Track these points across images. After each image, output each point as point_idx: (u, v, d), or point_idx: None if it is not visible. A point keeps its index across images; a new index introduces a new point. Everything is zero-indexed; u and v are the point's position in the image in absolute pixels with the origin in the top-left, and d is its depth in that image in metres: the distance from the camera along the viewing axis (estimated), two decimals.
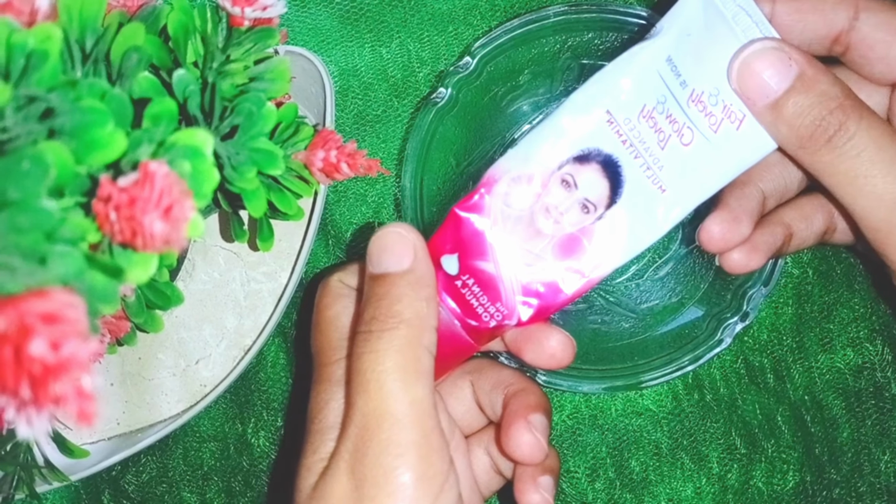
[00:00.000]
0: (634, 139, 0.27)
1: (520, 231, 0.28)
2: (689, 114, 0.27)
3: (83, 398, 0.16)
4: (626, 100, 0.27)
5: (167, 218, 0.18)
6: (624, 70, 0.27)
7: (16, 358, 0.16)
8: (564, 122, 0.28)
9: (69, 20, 0.21)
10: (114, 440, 0.38)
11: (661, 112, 0.27)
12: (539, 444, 0.28)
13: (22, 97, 0.18)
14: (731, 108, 0.27)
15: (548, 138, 0.28)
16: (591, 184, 0.28)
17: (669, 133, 0.27)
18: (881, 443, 0.38)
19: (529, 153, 0.28)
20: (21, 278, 0.17)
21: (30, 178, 0.18)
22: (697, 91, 0.27)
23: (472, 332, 0.29)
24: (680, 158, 0.27)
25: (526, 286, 0.28)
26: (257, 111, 0.24)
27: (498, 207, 0.28)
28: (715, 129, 0.27)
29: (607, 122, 0.27)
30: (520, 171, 0.28)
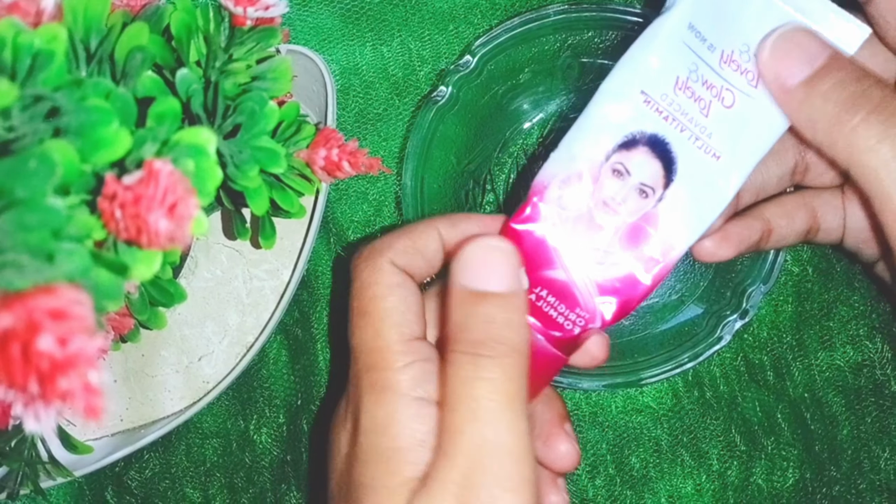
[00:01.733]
0: (676, 113, 0.27)
1: (582, 231, 0.27)
2: (725, 75, 0.26)
3: (90, 393, 0.16)
4: (658, 77, 0.27)
5: (171, 216, 0.18)
6: (649, 47, 0.27)
7: (24, 354, 0.16)
8: (602, 113, 0.27)
9: (74, 20, 0.21)
10: (117, 436, 0.38)
11: (696, 80, 0.27)
12: (577, 453, 0.28)
13: (28, 97, 0.19)
14: None
15: (589, 133, 0.27)
16: (643, 167, 0.27)
17: (709, 99, 0.27)
18: (881, 440, 0.38)
19: (573, 152, 0.27)
20: (29, 275, 0.17)
21: (36, 177, 0.18)
22: (727, 51, 0.26)
23: (558, 344, 0.28)
24: (726, 122, 0.26)
25: (602, 285, 0.28)
26: (260, 110, 0.24)
27: (554, 212, 0.27)
28: (755, 84, 0.26)
29: (644, 102, 0.27)
30: (567, 171, 0.27)
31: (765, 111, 0.26)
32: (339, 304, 0.40)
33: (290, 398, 0.39)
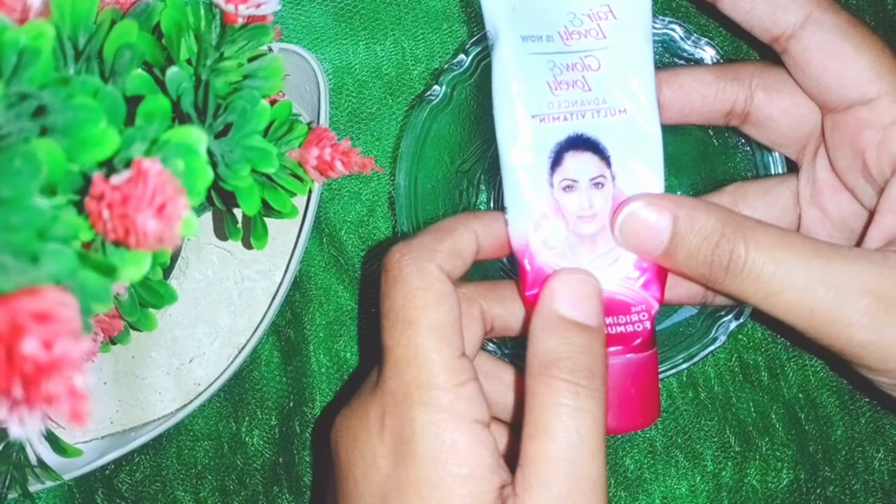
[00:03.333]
0: (568, 108, 0.28)
1: (581, 251, 0.28)
2: (576, 48, 0.27)
3: (75, 397, 0.15)
4: (531, 95, 0.28)
5: (160, 216, 0.18)
6: (507, 80, 0.28)
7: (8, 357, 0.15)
8: (516, 157, 0.28)
9: (61, 17, 0.21)
10: (107, 439, 0.38)
11: (561, 72, 0.28)
12: None
13: (14, 95, 0.18)
14: (595, 11, 0.27)
15: (520, 180, 0.28)
16: (582, 167, 0.28)
17: (581, 75, 0.28)
18: (875, 440, 0.38)
19: (523, 203, 0.28)
20: (13, 277, 0.17)
21: (22, 176, 0.17)
22: (562, 30, 0.27)
23: (642, 348, 0.29)
24: (607, 79, 0.28)
25: (630, 276, 0.28)
26: (251, 109, 0.24)
27: (548, 257, 0.28)
28: (603, 36, 0.27)
29: (539, 121, 0.28)
30: (531, 220, 0.28)
31: (625, 44, 0.27)
32: (335, 305, 0.39)
33: (283, 400, 0.39)
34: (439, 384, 0.24)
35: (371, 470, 0.25)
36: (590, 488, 0.24)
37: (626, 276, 0.28)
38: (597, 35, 0.27)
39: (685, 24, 0.35)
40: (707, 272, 0.26)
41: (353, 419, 0.26)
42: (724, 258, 0.26)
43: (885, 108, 0.27)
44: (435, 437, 0.24)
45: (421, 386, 0.24)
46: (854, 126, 0.28)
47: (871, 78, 0.27)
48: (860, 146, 0.28)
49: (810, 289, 0.25)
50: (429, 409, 0.24)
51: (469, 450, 0.24)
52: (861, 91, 0.27)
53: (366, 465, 0.25)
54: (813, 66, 0.28)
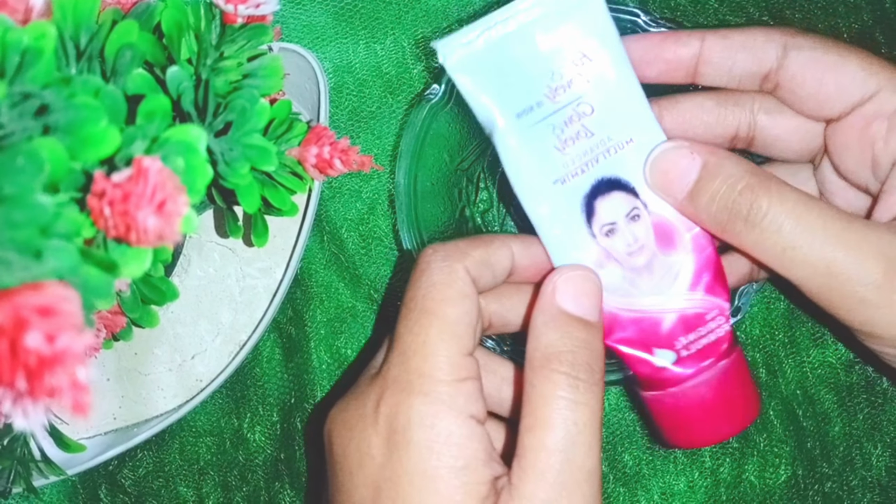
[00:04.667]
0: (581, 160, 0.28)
1: (641, 283, 0.29)
2: (566, 101, 0.28)
3: (78, 390, 0.16)
4: (544, 165, 0.28)
5: (161, 213, 0.18)
6: (518, 159, 0.28)
7: (11, 350, 0.16)
8: (551, 228, 0.29)
9: (63, 18, 0.21)
10: (110, 435, 0.38)
11: (562, 132, 0.28)
12: None
13: (17, 94, 0.18)
14: (571, 61, 0.27)
15: (563, 245, 0.29)
16: (614, 207, 0.29)
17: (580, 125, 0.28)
18: (872, 437, 0.38)
19: (571, 262, 0.29)
20: (16, 272, 0.17)
21: (25, 174, 0.18)
22: (548, 92, 0.28)
23: (729, 350, 0.29)
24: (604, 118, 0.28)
25: (693, 288, 0.29)
26: (251, 108, 0.24)
27: (615, 302, 0.29)
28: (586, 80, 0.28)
29: (561, 183, 0.28)
30: (587, 276, 0.28)
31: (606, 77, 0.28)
32: (335, 302, 0.40)
33: (284, 396, 0.39)
34: (441, 377, 0.24)
35: (366, 459, 0.25)
36: (585, 479, 0.24)
37: (689, 288, 0.29)
38: (580, 82, 0.28)
39: (683, 23, 0.35)
40: (725, 219, 0.26)
41: (349, 410, 0.26)
42: (745, 207, 0.26)
43: (886, 98, 0.28)
44: (430, 428, 0.24)
45: (423, 376, 0.24)
46: (860, 123, 0.28)
47: (865, 77, 0.28)
48: (868, 140, 0.28)
49: (828, 247, 0.25)
50: (427, 400, 0.24)
51: (463, 443, 0.24)
52: (859, 91, 0.28)
53: (360, 454, 0.25)
54: (807, 85, 0.28)
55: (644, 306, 0.29)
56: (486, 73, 0.27)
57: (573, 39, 0.27)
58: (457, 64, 0.27)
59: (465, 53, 0.27)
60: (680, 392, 0.29)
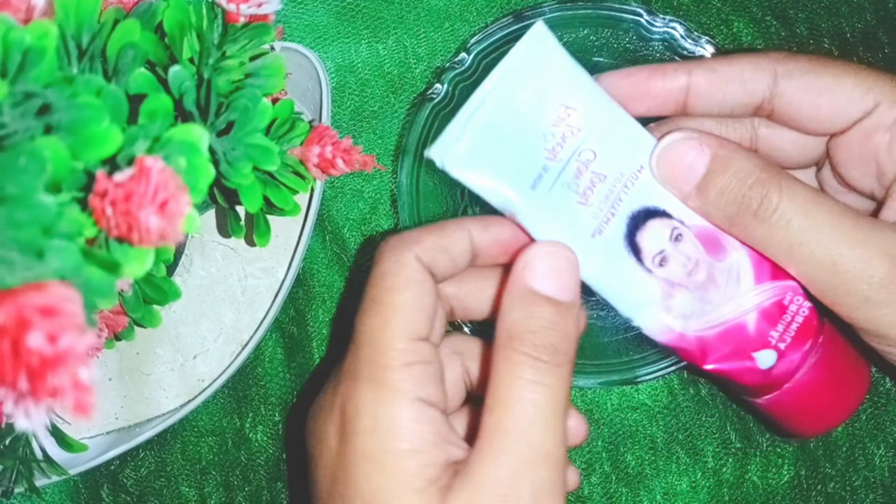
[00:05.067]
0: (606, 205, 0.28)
1: (711, 297, 0.28)
2: (567, 155, 0.27)
3: (80, 390, 0.16)
4: (576, 224, 0.28)
5: (163, 213, 0.18)
6: (549, 236, 0.28)
7: (14, 350, 0.16)
8: (608, 281, 0.28)
9: (65, 17, 0.21)
10: (112, 434, 0.38)
11: (577, 184, 0.27)
12: (586, 424, 0.29)
13: (19, 93, 0.18)
14: (558, 117, 0.27)
15: (625, 293, 0.28)
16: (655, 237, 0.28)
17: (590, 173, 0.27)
18: (875, 437, 0.38)
19: (644, 306, 0.28)
20: (19, 272, 0.17)
21: (27, 174, 0.18)
22: (548, 154, 0.27)
23: (820, 328, 0.29)
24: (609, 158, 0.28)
25: (761, 281, 0.28)
26: (253, 107, 0.24)
27: (696, 325, 0.28)
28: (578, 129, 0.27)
29: (598, 234, 0.28)
30: (660, 314, 0.28)
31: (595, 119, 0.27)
32: (337, 302, 0.40)
33: (286, 396, 0.39)
34: (387, 363, 0.24)
35: (325, 448, 0.25)
36: (541, 461, 0.24)
37: (755, 283, 0.28)
38: (572, 132, 0.27)
39: (686, 22, 0.35)
40: (735, 213, 0.26)
41: (316, 403, 0.27)
42: (755, 201, 0.26)
43: (885, 111, 0.28)
44: (376, 413, 0.24)
45: (369, 363, 0.25)
46: (862, 136, 0.28)
47: (862, 93, 0.28)
48: (871, 151, 0.28)
49: (835, 244, 0.25)
50: (373, 386, 0.24)
51: (410, 426, 0.24)
52: (858, 108, 0.28)
53: (321, 444, 0.26)
54: (804, 109, 0.28)
55: (723, 317, 0.28)
56: (485, 160, 0.27)
57: (550, 96, 0.27)
58: (455, 164, 0.26)
59: (458, 151, 0.26)
60: (795, 384, 0.29)
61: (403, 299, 0.25)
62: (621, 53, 0.37)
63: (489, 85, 0.26)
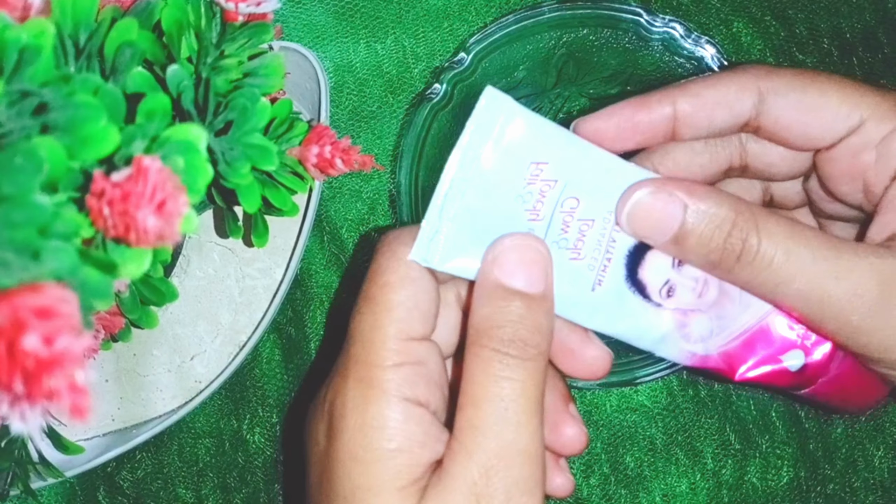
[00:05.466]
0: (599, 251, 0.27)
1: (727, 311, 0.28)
2: (549, 210, 0.26)
3: (76, 393, 0.16)
4: (575, 279, 0.27)
5: (160, 213, 0.18)
6: None
7: (9, 352, 0.16)
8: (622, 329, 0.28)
9: (62, 15, 0.21)
10: (108, 436, 0.38)
11: (565, 238, 0.26)
12: (585, 435, 0.28)
13: (15, 92, 0.18)
14: (530, 175, 0.26)
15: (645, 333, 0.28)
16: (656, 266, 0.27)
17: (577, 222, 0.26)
18: (875, 438, 0.38)
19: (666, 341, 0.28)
20: (14, 273, 0.17)
21: (23, 174, 0.17)
22: (530, 215, 0.26)
23: None
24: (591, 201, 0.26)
25: None
26: (251, 107, 0.24)
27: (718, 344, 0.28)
28: (553, 180, 0.26)
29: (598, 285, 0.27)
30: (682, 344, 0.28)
31: (568, 166, 0.26)
32: (338, 304, 0.39)
33: (284, 398, 0.39)
34: (376, 362, 0.24)
35: (315, 447, 0.25)
36: (515, 458, 0.23)
37: None
38: (549, 186, 0.26)
39: (685, 22, 0.35)
40: (717, 260, 0.26)
41: (312, 403, 0.27)
42: (737, 246, 0.25)
43: (871, 128, 0.27)
44: (363, 412, 0.24)
45: (359, 362, 0.24)
46: (849, 154, 0.28)
47: (848, 110, 0.27)
48: (859, 169, 0.28)
49: (820, 278, 0.25)
50: (361, 385, 0.24)
51: (397, 426, 0.24)
52: (844, 125, 0.28)
53: (312, 443, 0.26)
54: (792, 127, 0.28)
55: (743, 327, 0.28)
56: (469, 244, 0.25)
57: (517, 158, 0.26)
58: (441, 259, 0.25)
59: (440, 246, 0.25)
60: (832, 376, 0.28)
61: (398, 298, 0.24)
62: (621, 53, 0.37)
63: (452, 167, 0.25)
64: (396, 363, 0.24)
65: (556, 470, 0.29)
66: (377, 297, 0.25)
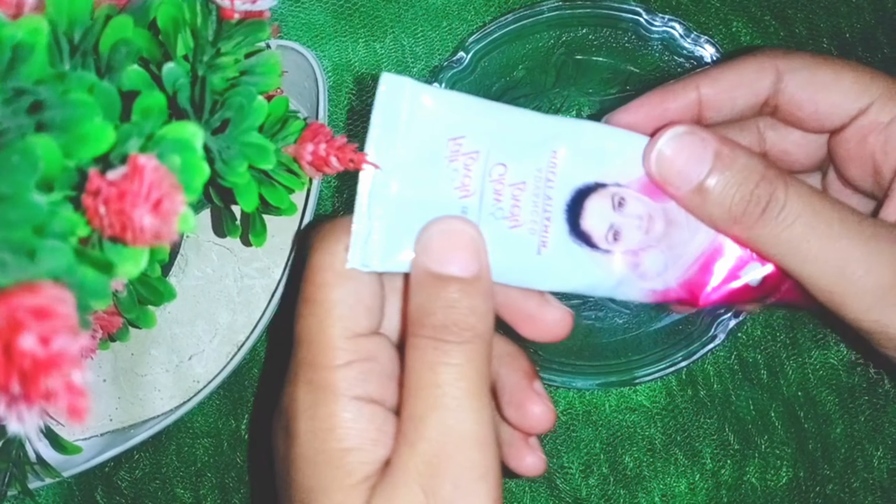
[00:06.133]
0: (541, 210, 0.26)
1: (680, 241, 0.27)
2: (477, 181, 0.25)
3: (74, 393, 0.15)
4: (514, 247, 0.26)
5: (157, 212, 0.18)
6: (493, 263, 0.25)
7: (6, 353, 0.15)
8: (582, 283, 0.27)
9: (57, 12, 0.21)
10: (106, 436, 0.38)
11: (501, 208, 0.25)
12: (552, 411, 0.28)
13: (9, 90, 0.18)
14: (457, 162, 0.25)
15: (599, 284, 0.27)
16: (597, 211, 0.26)
17: (510, 188, 0.26)
18: (874, 439, 0.38)
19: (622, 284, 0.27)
20: (10, 273, 0.17)
21: (19, 172, 0.17)
22: (460, 190, 0.25)
23: None
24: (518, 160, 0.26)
25: None
26: (248, 105, 0.24)
27: (675, 275, 0.27)
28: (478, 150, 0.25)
29: (543, 247, 0.26)
30: (639, 283, 0.27)
31: (480, 128, 0.25)
32: None
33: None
34: (322, 363, 0.24)
35: (276, 453, 0.25)
36: (460, 443, 0.22)
37: None
38: (472, 158, 0.25)
39: (685, 22, 0.35)
40: (740, 213, 0.25)
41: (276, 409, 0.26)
42: (763, 199, 0.25)
43: (879, 110, 0.28)
44: (313, 415, 0.23)
45: (305, 365, 0.24)
46: (858, 136, 0.28)
47: (859, 91, 0.28)
48: (868, 151, 0.28)
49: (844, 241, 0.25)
50: (310, 388, 0.24)
51: (348, 425, 0.23)
52: (854, 105, 0.28)
53: (274, 449, 0.26)
54: (805, 106, 0.28)
55: (697, 251, 0.27)
56: (405, 237, 0.24)
57: (430, 137, 0.24)
58: (380, 259, 0.24)
59: (376, 246, 0.24)
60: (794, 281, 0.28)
61: (337, 295, 0.24)
62: (620, 53, 0.37)
63: (368, 163, 0.24)
64: (345, 362, 0.24)
65: (526, 449, 0.28)
66: (317, 298, 0.24)
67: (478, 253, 0.24)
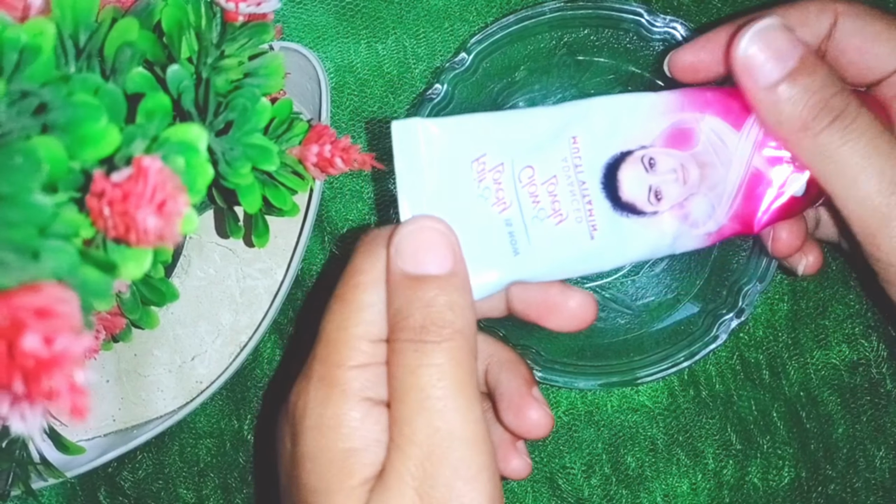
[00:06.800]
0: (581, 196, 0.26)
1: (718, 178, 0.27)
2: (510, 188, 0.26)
3: (76, 393, 0.16)
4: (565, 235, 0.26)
5: (161, 213, 0.18)
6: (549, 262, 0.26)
7: (9, 353, 0.16)
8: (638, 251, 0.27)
9: (62, 15, 0.21)
10: (110, 437, 0.38)
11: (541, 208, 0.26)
12: (550, 417, 0.28)
13: (15, 92, 0.18)
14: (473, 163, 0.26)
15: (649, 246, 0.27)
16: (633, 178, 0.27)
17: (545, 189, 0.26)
18: (876, 439, 0.38)
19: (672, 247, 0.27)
20: (14, 273, 0.17)
21: (23, 173, 0.17)
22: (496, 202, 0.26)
23: None
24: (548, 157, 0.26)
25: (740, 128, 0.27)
26: (252, 107, 0.24)
27: (724, 214, 0.27)
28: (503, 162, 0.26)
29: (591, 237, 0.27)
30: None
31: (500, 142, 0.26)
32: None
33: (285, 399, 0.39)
34: (338, 362, 0.24)
35: (282, 448, 0.25)
36: (450, 443, 0.22)
37: (736, 130, 0.27)
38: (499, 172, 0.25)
39: (686, 23, 0.35)
40: (811, 117, 0.26)
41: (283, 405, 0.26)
42: (837, 109, 0.26)
43: None
44: (321, 413, 0.23)
45: (322, 362, 0.24)
46: (891, 92, 0.29)
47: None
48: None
49: None
50: (322, 385, 0.23)
51: (355, 425, 0.23)
52: (894, 62, 0.29)
53: (280, 444, 0.25)
54: (849, 53, 0.29)
55: (737, 181, 0.27)
56: None
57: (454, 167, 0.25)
58: None
59: None
60: None
61: (369, 298, 0.24)
62: (622, 53, 0.37)
63: (406, 215, 0.25)
64: (361, 364, 0.24)
65: (513, 452, 0.28)
66: (347, 297, 0.24)
67: (451, 248, 0.24)
